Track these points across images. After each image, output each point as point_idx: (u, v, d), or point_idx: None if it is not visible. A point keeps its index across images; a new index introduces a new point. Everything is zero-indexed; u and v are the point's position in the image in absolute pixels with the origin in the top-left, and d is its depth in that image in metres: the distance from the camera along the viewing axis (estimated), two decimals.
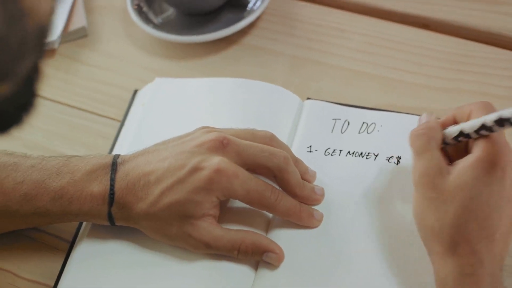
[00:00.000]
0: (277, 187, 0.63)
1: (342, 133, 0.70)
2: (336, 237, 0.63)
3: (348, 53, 0.80)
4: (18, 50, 0.37)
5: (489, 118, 0.55)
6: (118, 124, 0.75)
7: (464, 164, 0.55)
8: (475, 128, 0.56)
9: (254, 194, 0.61)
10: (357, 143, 0.69)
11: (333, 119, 0.71)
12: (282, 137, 0.69)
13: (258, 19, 0.83)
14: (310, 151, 0.69)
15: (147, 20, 0.83)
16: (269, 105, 0.73)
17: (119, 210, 0.62)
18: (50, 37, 0.40)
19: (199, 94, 0.75)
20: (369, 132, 0.70)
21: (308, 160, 0.68)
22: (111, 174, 0.62)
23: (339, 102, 0.73)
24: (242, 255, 0.61)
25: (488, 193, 0.54)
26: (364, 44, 0.80)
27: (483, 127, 0.55)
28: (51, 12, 0.38)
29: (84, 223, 0.67)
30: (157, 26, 0.82)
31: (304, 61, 0.79)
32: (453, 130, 0.58)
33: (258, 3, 0.83)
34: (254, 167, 0.62)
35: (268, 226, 0.64)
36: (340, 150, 0.69)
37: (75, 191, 0.62)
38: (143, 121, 0.73)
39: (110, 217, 0.62)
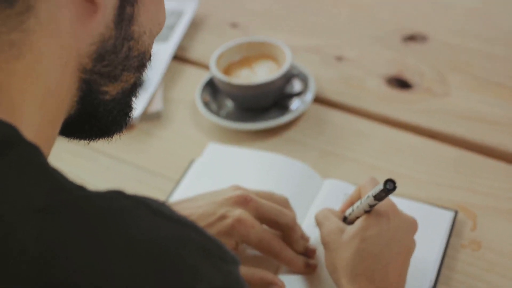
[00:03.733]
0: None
1: None
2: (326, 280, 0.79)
3: (364, 151, 0.98)
4: (124, 60, 0.53)
5: (367, 201, 0.71)
6: (175, 184, 0.95)
7: (357, 220, 0.72)
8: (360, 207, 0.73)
9: (264, 243, 0.77)
10: None
11: (344, 194, 0.89)
12: (303, 203, 0.87)
13: (297, 118, 1.04)
14: None
15: (210, 110, 1.04)
16: (297, 178, 0.91)
17: None
18: (149, 61, 0.57)
19: (243, 161, 0.95)
20: None
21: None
22: None
23: (351, 183, 0.91)
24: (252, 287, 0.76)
25: (377, 235, 0.70)
26: (378, 145, 0.98)
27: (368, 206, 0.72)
28: (150, 43, 0.56)
29: None
30: (220, 116, 1.04)
31: (330, 153, 0.98)
32: (348, 210, 0.76)
33: (301, 107, 1.03)
34: (267, 222, 0.79)
35: (276, 271, 0.80)
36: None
37: None
38: (195, 179, 0.93)
39: None
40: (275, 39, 1.10)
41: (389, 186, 0.68)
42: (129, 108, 0.58)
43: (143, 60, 0.56)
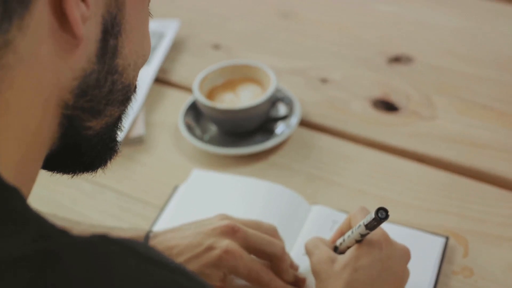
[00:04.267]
0: None
1: None
2: None
3: (351, 175, 0.96)
4: (108, 94, 0.52)
5: (359, 229, 0.69)
6: (159, 210, 0.92)
7: (348, 249, 0.71)
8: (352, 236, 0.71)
9: (253, 274, 0.75)
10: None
11: (332, 221, 0.87)
12: (291, 231, 0.85)
13: (283, 143, 1.01)
14: None
15: (194, 135, 1.02)
16: (283, 205, 0.89)
17: None
18: (134, 94, 0.55)
19: (228, 187, 0.93)
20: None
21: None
22: None
23: (340, 210, 0.89)
24: None
25: (369, 265, 0.68)
26: (365, 169, 0.97)
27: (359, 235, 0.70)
28: (135, 75, 0.54)
29: None
30: (201, 140, 1.01)
31: (316, 178, 0.96)
32: (339, 240, 0.74)
33: (286, 131, 1.01)
34: (256, 252, 0.76)
35: None
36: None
37: None
38: (179, 207, 0.90)
39: None
40: (258, 61, 1.08)
41: (381, 215, 0.66)
42: (114, 142, 0.56)
43: (127, 93, 0.54)
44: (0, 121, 0.44)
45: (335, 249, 0.75)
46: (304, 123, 1.05)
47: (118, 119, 0.55)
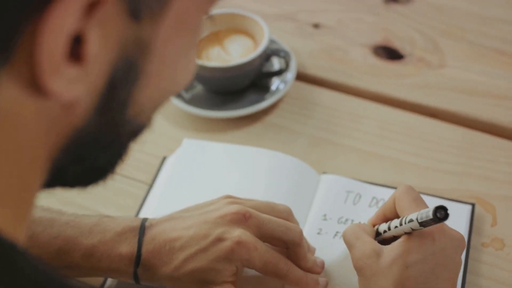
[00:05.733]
0: None
1: (354, 204, 0.76)
2: None
3: (361, 136, 0.86)
4: (106, 148, 0.42)
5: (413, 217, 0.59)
6: (147, 187, 0.81)
7: (396, 241, 0.60)
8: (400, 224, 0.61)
9: (269, 266, 0.65)
10: (367, 216, 0.75)
11: (346, 191, 0.77)
12: (300, 205, 0.75)
13: (279, 100, 0.90)
14: (325, 219, 0.75)
15: (177, 95, 0.90)
16: (289, 176, 0.79)
17: (144, 271, 0.65)
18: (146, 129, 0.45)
19: (225, 159, 0.81)
20: (378, 206, 0.76)
21: (323, 227, 0.74)
22: (139, 237, 0.65)
23: (351, 177, 0.79)
24: None
25: (422, 260, 0.58)
26: (376, 128, 0.87)
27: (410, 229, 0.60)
28: (151, 115, 0.43)
29: (110, 279, 0.71)
30: (186, 101, 0.89)
31: (321, 141, 0.86)
32: (382, 225, 0.65)
33: (281, 86, 0.90)
34: (271, 240, 0.67)
35: None
36: (352, 220, 0.75)
37: (105, 250, 0.65)
38: (170, 183, 0.79)
39: (136, 277, 0.66)
40: (240, 8, 0.95)
41: (440, 215, 0.56)
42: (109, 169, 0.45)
43: (136, 135, 0.44)
44: None
45: (377, 235, 0.65)
46: (301, 77, 0.94)
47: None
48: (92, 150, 0.41)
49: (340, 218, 0.75)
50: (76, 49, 0.34)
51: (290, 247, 0.67)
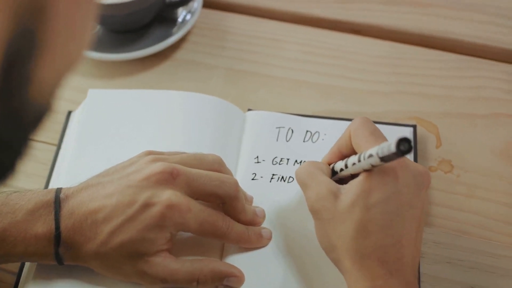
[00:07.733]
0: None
1: (287, 141, 0.69)
2: (287, 250, 0.61)
3: (283, 63, 0.78)
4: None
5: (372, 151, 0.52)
6: (55, 148, 0.71)
7: (355, 180, 0.54)
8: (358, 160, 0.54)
9: (206, 226, 0.58)
10: (303, 152, 0.68)
11: (276, 128, 0.70)
12: (228, 149, 0.68)
13: (188, 33, 0.81)
14: (258, 162, 0.68)
15: None
16: (210, 117, 0.70)
17: (67, 250, 0.57)
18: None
19: (138, 106, 0.72)
20: (313, 141, 0.69)
21: (258, 171, 0.66)
22: (55, 213, 0.57)
23: (279, 111, 0.72)
24: (202, 285, 0.57)
25: (384, 200, 0.52)
26: (298, 52, 0.79)
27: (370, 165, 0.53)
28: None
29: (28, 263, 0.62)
30: None
31: (239, 73, 0.77)
32: (339, 163, 0.58)
33: (188, 17, 0.81)
34: (204, 197, 0.59)
35: (222, 251, 0.62)
36: (288, 159, 0.68)
37: (19, 233, 0.56)
38: (79, 141, 0.69)
39: (58, 258, 0.57)
40: None
41: (404, 147, 0.49)
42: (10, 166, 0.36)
43: (39, 121, 0.36)
44: None
45: (333, 173, 0.58)
46: (209, 4, 0.84)
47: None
48: None
49: (274, 159, 0.68)
50: None
51: (227, 201, 0.60)
